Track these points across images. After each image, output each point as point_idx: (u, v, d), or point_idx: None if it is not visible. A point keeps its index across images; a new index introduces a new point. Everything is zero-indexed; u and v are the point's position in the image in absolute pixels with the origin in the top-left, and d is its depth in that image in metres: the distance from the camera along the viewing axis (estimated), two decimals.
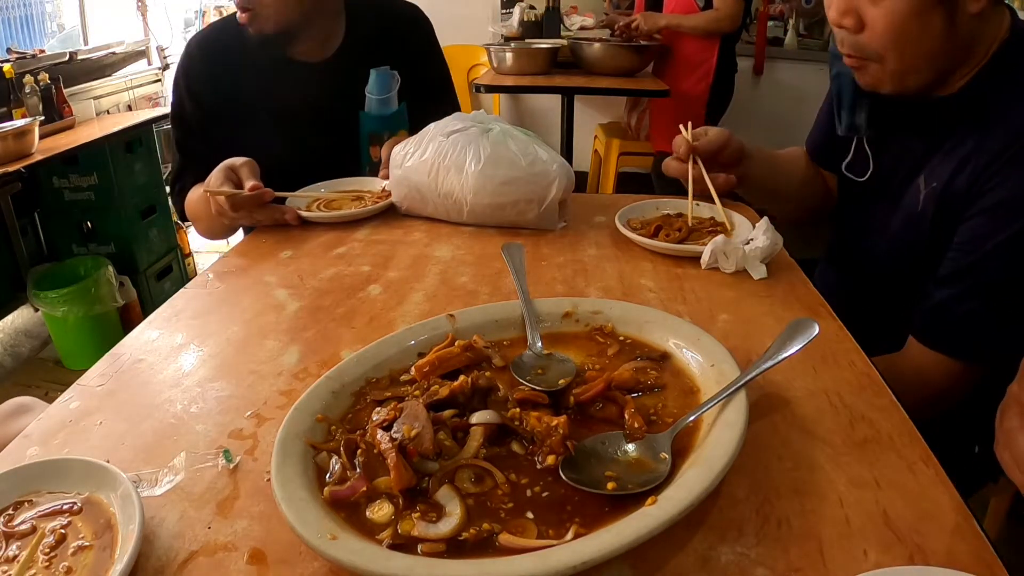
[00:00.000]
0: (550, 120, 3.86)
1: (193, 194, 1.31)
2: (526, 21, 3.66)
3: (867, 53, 0.92)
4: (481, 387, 0.61)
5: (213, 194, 1.07)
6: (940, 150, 0.95)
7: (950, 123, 0.94)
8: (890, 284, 1.05)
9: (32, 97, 2.65)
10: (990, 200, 0.86)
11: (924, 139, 0.98)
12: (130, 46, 3.65)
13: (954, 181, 0.91)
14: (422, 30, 1.49)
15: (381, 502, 0.51)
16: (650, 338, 0.70)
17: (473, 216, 1.07)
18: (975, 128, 0.90)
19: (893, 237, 1.02)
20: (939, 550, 0.47)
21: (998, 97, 0.89)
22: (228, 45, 1.33)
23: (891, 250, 1.03)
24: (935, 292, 0.90)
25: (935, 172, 0.94)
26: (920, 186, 0.96)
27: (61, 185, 2.70)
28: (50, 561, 0.48)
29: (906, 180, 1.00)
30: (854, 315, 0.81)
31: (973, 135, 0.90)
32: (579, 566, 0.43)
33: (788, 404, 0.63)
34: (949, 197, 0.92)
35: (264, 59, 1.32)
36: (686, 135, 1.08)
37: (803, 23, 4.11)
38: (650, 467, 0.53)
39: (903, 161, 1.02)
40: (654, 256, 0.97)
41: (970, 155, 0.89)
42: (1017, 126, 0.85)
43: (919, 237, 0.96)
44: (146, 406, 0.66)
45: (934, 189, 0.94)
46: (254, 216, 1.10)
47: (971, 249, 0.87)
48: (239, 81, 1.34)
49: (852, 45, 0.93)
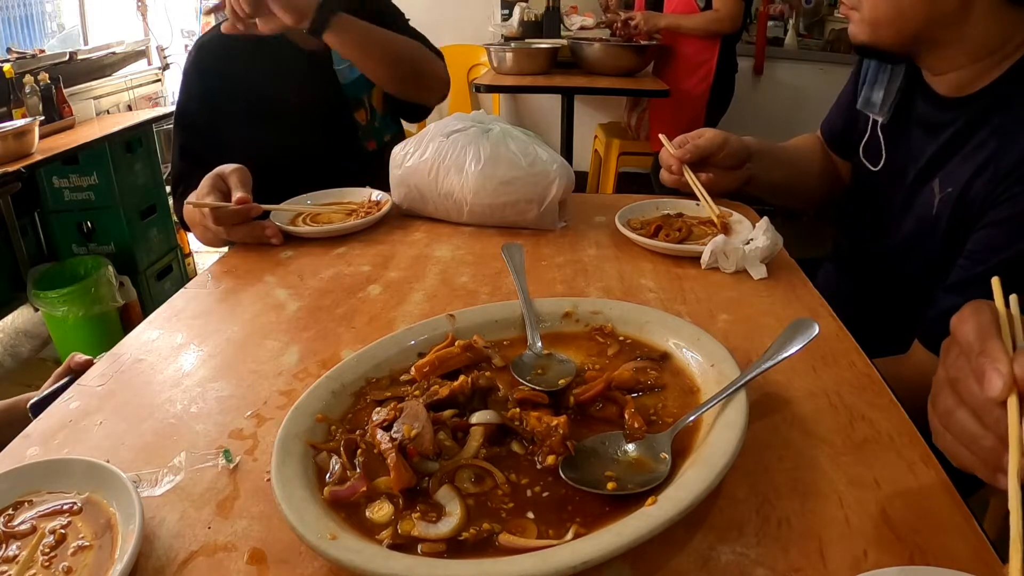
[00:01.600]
0: (550, 120, 3.86)
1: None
2: (526, 21, 3.66)
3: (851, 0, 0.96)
4: (481, 387, 0.61)
5: (196, 206, 1.03)
6: (959, 153, 0.93)
7: (970, 125, 0.92)
8: (900, 286, 1.04)
9: (32, 97, 2.65)
10: (1006, 211, 0.84)
11: (941, 140, 0.96)
12: (130, 46, 3.65)
13: (971, 187, 0.89)
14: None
15: (381, 502, 0.51)
16: (650, 338, 0.70)
17: (473, 216, 1.07)
18: (996, 133, 0.88)
19: (905, 239, 1.01)
20: (939, 550, 0.47)
21: (1021, 105, 0.87)
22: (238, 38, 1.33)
23: (902, 252, 1.02)
24: (943, 299, 0.89)
25: (952, 176, 0.93)
26: (935, 189, 0.95)
27: (61, 185, 2.70)
28: (50, 561, 0.48)
29: (920, 182, 0.98)
30: (862, 316, 0.80)
31: (994, 140, 0.88)
32: (579, 566, 0.43)
33: (788, 404, 0.63)
34: (965, 203, 0.90)
35: (272, 46, 1.34)
36: (668, 148, 1.09)
37: (803, 23, 4.11)
38: (650, 467, 0.53)
39: (918, 162, 1.00)
40: (654, 256, 0.97)
41: (989, 161, 0.87)
42: None
43: (932, 241, 0.95)
44: (146, 406, 0.66)
45: (950, 194, 0.92)
46: (232, 233, 1.03)
47: (982, 259, 0.86)
48: (248, 72, 1.36)
49: None
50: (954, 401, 0.48)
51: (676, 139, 1.10)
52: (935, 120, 0.98)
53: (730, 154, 1.09)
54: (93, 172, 2.68)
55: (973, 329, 0.47)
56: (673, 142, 1.10)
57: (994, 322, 0.47)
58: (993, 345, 0.45)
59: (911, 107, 1.04)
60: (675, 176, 1.09)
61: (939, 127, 0.97)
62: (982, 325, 0.47)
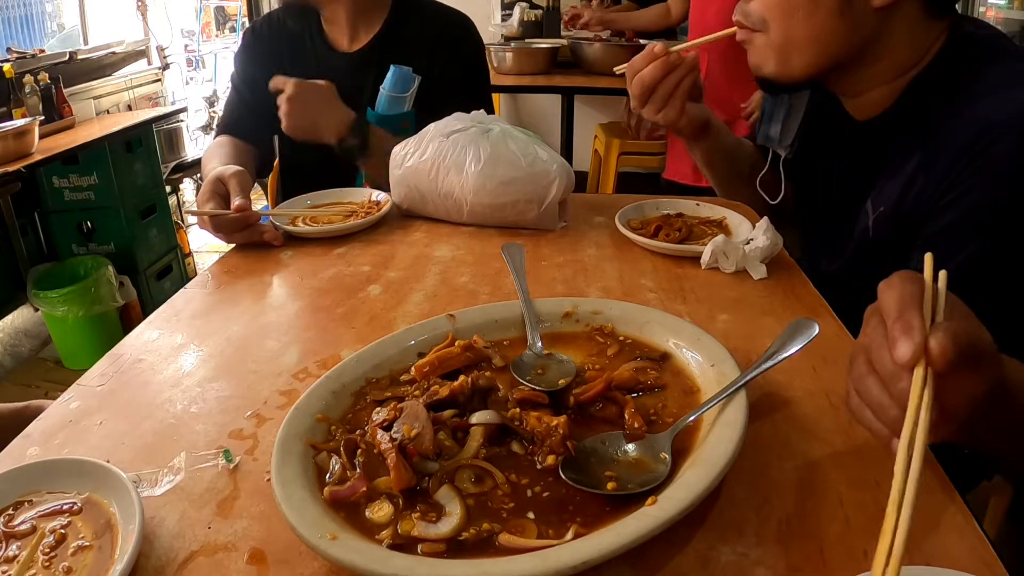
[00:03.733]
0: (550, 120, 3.86)
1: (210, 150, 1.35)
2: (526, 21, 3.66)
3: (753, 21, 0.87)
4: (481, 387, 0.61)
5: (195, 214, 1.05)
6: (884, 172, 0.89)
7: (891, 141, 0.88)
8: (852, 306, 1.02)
9: (32, 97, 2.65)
10: (946, 219, 0.79)
11: (866, 161, 0.92)
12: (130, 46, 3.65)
13: (903, 202, 0.85)
14: (467, 43, 1.44)
15: (381, 502, 0.51)
16: (650, 338, 0.70)
17: (473, 216, 1.07)
18: (918, 145, 0.83)
19: (848, 262, 0.97)
20: (939, 550, 0.47)
21: (939, 109, 0.82)
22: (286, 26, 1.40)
23: (848, 275, 0.97)
24: None
25: (881, 195, 0.88)
26: (868, 211, 0.90)
27: (61, 185, 2.70)
28: (50, 561, 0.48)
29: (854, 204, 0.94)
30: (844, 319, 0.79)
31: (917, 153, 0.83)
32: (579, 566, 0.43)
33: (788, 404, 0.63)
34: (900, 219, 0.85)
35: (305, 41, 1.37)
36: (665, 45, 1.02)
37: None
38: (650, 467, 0.53)
39: (850, 184, 0.95)
40: (654, 256, 0.97)
41: (916, 174, 0.83)
42: (963, 138, 0.77)
43: (872, 264, 0.90)
44: (146, 406, 0.66)
45: (882, 213, 0.88)
46: (232, 238, 1.05)
47: None
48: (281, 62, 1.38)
49: (742, 11, 0.88)
50: (867, 368, 0.49)
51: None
52: (854, 145, 0.94)
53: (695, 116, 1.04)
54: (93, 172, 2.68)
55: (895, 297, 0.47)
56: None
57: (918, 294, 0.47)
58: (911, 315, 0.46)
59: (818, 136, 0.99)
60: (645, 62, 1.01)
61: (859, 150, 0.93)
62: (904, 294, 0.47)
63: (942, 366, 0.44)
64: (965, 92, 0.80)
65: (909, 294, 0.47)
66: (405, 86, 1.33)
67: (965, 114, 0.78)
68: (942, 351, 0.44)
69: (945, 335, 0.44)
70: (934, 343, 0.44)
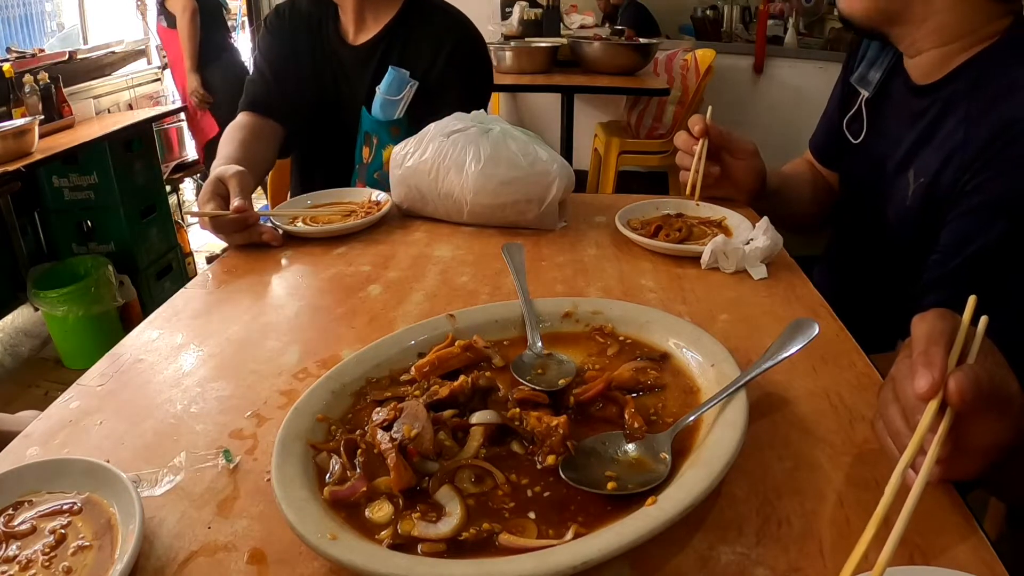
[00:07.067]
0: (550, 119, 3.86)
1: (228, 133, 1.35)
2: (526, 20, 3.66)
3: None
4: (481, 387, 0.61)
5: (195, 215, 1.05)
6: (930, 143, 0.93)
7: (941, 113, 0.92)
8: (886, 282, 1.04)
9: (32, 96, 2.65)
10: (974, 200, 0.84)
11: (917, 129, 0.96)
12: (130, 45, 3.65)
13: (940, 177, 0.89)
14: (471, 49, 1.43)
15: (381, 502, 0.51)
16: (650, 338, 0.70)
17: (473, 216, 1.07)
18: (963, 122, 0.87)
19: (886, 233, 1.01)
20: (939, 550, 0.48)
21: (989, 86, 0.86)
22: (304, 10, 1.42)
23: (885, 246, 1.02)
24: (922, 298, 0.88)
25: (924, 165, 0.92)
26: (910, 179, 0.95)
27: (61, 184, 2.70)
28: (50, 561, 0.48)
29: (898, 171, 0.98)
30: (852, 313, 0.80)
31: (961, 129, 0.87)
32: (579, 566, 0.43)
33: (788, 404, 0.63)
34: (936, 194, 0.90)
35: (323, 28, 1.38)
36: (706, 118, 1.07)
37: (803, 22, 4.11)
38: (650, 467, 0.53)
39: (895, 150, 1.00)
40: (654, 256, 0.97)
41: (955, 150, 0.87)
42: (1003, 120, 0.82)
43: (909, 233, 0.95)
44: (146, 406, 0.66)
45: (922, 184, 0.92)
46: (231, 239, 1.04)
47: (956, 252, 0.86)
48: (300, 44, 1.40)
49: None
50: (891, 396, 0.52)
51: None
52: (909, 107, 0.99)
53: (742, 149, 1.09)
54: (93, 171, 2.68)
55: (925, 331, 0.49)
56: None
57: (948, 331, 0.49)
58: (935, 351, 0.47)
59: (890, 91, 1.04)
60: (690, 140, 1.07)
61: (914, 115, 0.97)
62: (934, 330, 0.49)
63: (959, 405, 0.45)
64: (1014, 83, 0.84)
65: (939, 330, 0.49)
66: (400, 89, 1.33)
67: (1004, 105, 0.83)
68: (959, 389, 0.45)
69: (966, 375, 0.45)
70: (952, 381, 0.45)
